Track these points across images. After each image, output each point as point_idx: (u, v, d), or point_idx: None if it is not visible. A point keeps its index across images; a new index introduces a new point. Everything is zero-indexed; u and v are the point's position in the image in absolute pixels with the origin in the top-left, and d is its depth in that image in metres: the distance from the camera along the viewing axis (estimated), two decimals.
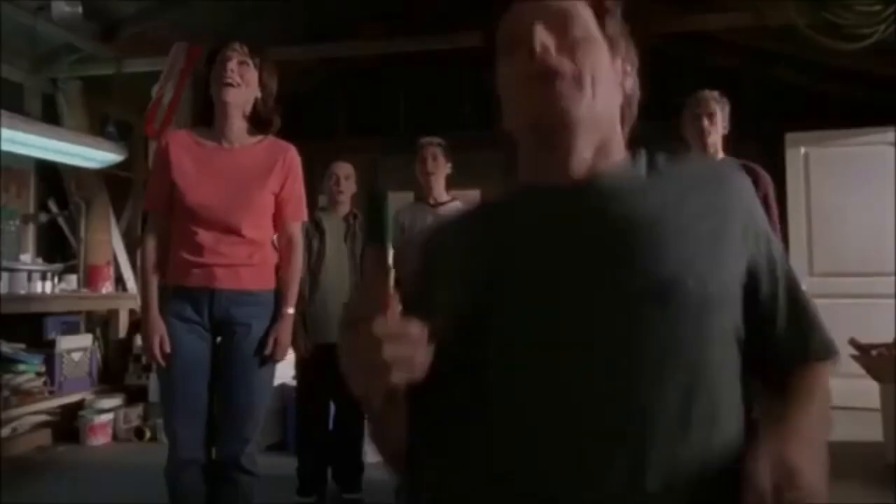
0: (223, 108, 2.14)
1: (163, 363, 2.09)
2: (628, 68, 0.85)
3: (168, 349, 2.08)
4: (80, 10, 3.86)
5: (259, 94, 2.18)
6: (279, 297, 2.21)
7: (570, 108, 0.77)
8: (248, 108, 2.18)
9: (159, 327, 2.08)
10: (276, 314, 2.18)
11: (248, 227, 2.13)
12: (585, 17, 0.81)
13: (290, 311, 2.22)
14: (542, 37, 0.78)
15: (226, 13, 4.42)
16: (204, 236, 2.09)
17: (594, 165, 0.81)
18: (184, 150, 2.16)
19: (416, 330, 0.62)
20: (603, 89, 0.79)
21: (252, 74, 2.15)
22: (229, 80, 2.10)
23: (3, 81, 4.20)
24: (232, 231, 2.11)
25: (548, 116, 0.78)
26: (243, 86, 2.13)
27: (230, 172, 2.14)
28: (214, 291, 2.10)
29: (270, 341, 2.15)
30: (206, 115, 2.21)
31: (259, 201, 2.16)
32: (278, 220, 2.22)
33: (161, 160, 2.17)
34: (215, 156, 2.16)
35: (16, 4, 3.82)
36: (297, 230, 2.28)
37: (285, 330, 2.18)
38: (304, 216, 2.31)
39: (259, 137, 2.23)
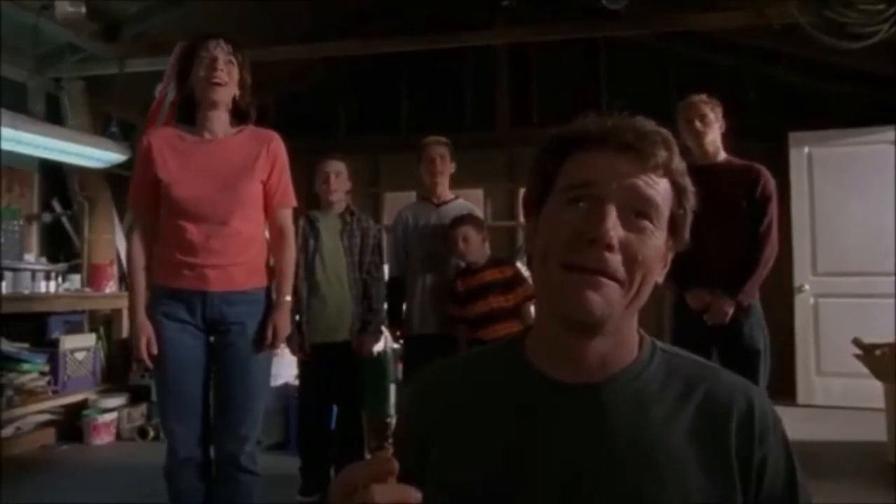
0: (210, 105, 2.13)
1: (150, 364, 2.11)
2: (670, 256, 0.81)
3: (155, 350, 2.07)
4: (83, 9, 3.86)
5: (238, 90, 2.18)
6: (274, 286, 2.20)
7: (606, 314, 0.75)
8: (230, 103, 2.17)
9: (146, 329, 2.08)
10: (272, 303, 2.17)
11: (239, 219, 2.11)
12: (663, 205, 0.77)
13: (287, 298, 2.21)
14: (613, 232, 0.73)
15: (227, 13, 4.42)
16: (194, 233, 2.07)
17: (609, 352, 0.79)
18: (167, 145, 2.14)
19: (416, 498, 0.61)
20: (646, 288, 0.77)
21: (236, 71, 2.15)
22: (218, 80, 2.09)
23: (7, 81, 4.21)
24: (222, 223, 2.08)
25: (579, 315, 0.75)
26: (230, 83, 2.13)
27: (216, 164, 2.12)
28: (206, 293, 2.09)
29: (269, 329, 2.14)
30: (188, 112, 2.19)
31: (247, 191, 2.14)
32: (268, 209, 2.21)
33: (144, 158, 2.14)
34: (199, 148, 2.14)
35: (19, 4, 3.82)
36: (287, 217, 2.26)
37: (283, 318, 2.18)
38: (293, 202, 2.29)
39: (239, 127, 2.21)
